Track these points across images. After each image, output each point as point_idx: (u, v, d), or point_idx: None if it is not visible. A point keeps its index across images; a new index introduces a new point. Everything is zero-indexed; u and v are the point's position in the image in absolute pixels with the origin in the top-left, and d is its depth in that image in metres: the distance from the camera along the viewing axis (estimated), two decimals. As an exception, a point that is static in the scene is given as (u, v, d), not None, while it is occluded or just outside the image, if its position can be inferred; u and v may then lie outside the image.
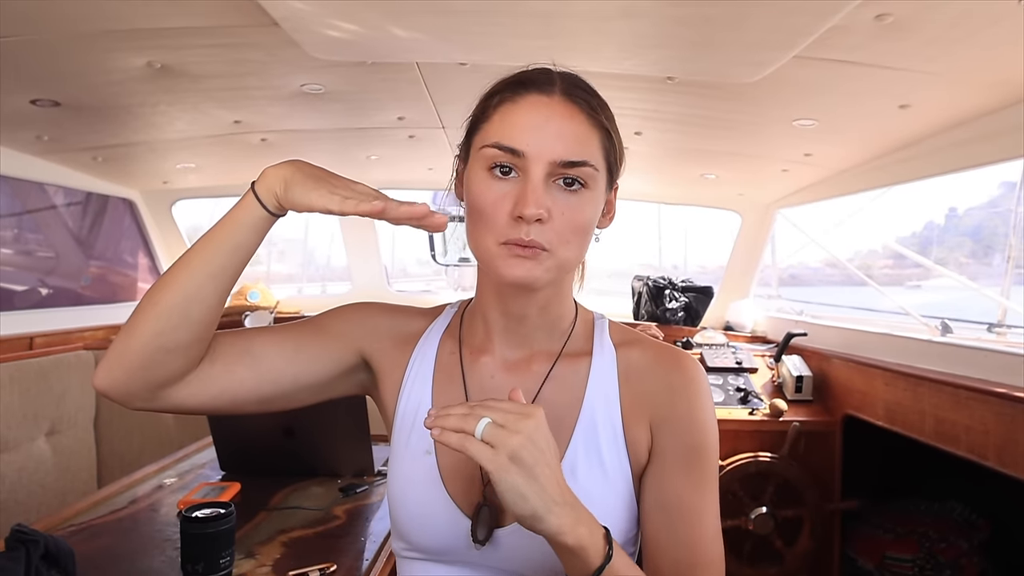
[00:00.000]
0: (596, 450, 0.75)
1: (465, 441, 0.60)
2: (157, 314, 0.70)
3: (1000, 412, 1.67)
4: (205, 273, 0.70)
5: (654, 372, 0.77)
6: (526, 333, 0.80)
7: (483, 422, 0.60)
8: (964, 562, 2.20)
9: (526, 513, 0.60)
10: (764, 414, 2.54)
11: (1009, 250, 2.14)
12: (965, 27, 1.31)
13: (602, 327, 0.83)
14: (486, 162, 0.70)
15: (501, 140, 0.69)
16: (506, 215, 0.68)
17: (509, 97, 0.72)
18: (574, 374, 0.79)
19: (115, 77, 1.76)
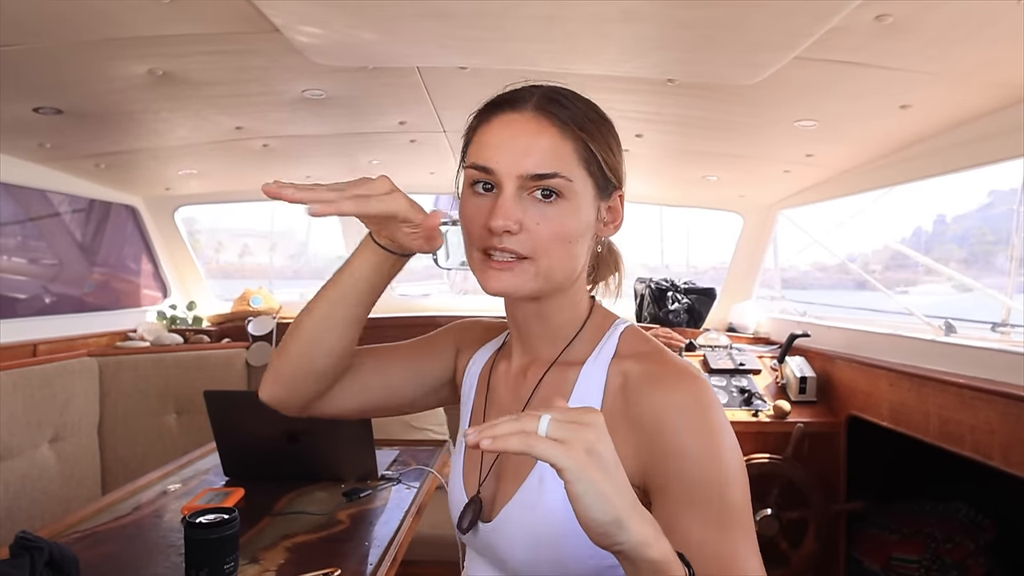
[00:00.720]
0: None
1: (530, 440, 0.51)
2: (300, 342, 0.82)
3: (1005, 412, 1.66)
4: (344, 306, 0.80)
5: (642, 390, 0.71)
6: (531, 340, 0.83)
7: (545, 418, 0.52)
8: (970, 563, 2.19)
9: (609, 518, 0.50)
10: (768, 415, 2.54)
11: (1012, 250, 2.13)
12: (965, 27, 1.31)
13: (612, 334, 0.79)
14: (469, 180, 0.76)
15: (476, 160, 0.74)
16: (481, 227, 0.73)
17: (485, 119, 0.76)
18: (562, 382, 0.78)
19: (117, 84, 1.77)
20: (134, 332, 3.06)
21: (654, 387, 0.70)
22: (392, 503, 1.55)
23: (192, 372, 2.92)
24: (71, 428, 2.47)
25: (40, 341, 2.53)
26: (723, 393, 2.67)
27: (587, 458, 0.50)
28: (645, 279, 3.41)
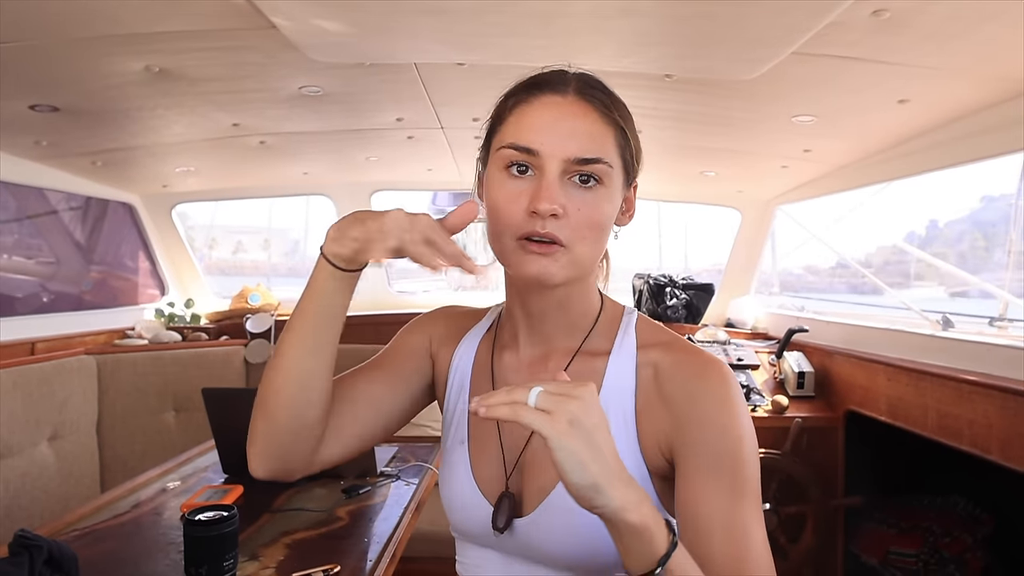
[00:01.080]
0: None
1: (517, 409, 0.56)
2: (284, 403, 0.74)
3: (1003, 406, 1.67)
4: (306, 352, 0.74)
5: (675, 377, 0.74)
6: (546, 330, 0.81)
7: (535, 390, 0.57)
8: (968, 556, 2.20)
9: (586, 483, 0.55)
10: (766, 410, 2.54)
11: (1010, 244, 2.14)
12: (963, 21, 1.31)
13: (628, 324, 0.81)
14: (503, 162, 0.72)
15: (516, 140, 0.71)
16: (522, 211, 0.70)
17: (524, 98, 0.74)
18: (591, 372, 0.78)
19: (113, 81, 1.76)
20: (132, 330, 3.06)
21: (688, 375, 0.73)
22: (391, 499, 1.55)
23: (190, 370, 2.92)
24: (70, 426, 2.47)
25: (38, 339, 2.53)
26: (721, 388, 2.67)
27: (568, 427, 0.55)
28: (643, 275, 3.41)
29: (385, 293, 3.61)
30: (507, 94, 0.77)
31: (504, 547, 0.79)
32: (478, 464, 0.81)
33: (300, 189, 3.50)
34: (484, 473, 0.80)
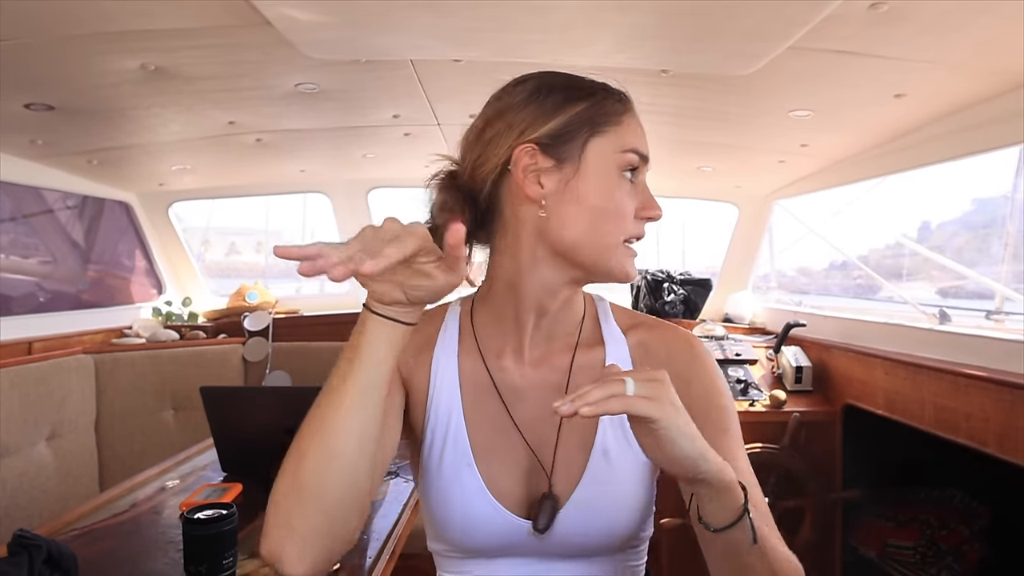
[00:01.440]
0: (624, 432, 0.79)
1: (627, 400, 0.60)
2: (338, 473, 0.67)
3: (999, 399, 1.67)
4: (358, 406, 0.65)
5: (665, 351, 0.82)
6: (548, 328, 0.82)
7: (630, 382, 0.61)
8: (965, 548, 2.21)
9: (696, 453, 0.62)
10: (764, 405, 2.55)
11: (1007, 237, 2.14)
12: (960, 15, 1.31)
13: (606, 312, 0.86)
14: (624, 165, 0.76)
15: (639, 147, 0.77)
16: (632, 214, 0.76)
17: (623, 108, 0.78)
18: (593, 362, 0.82)
19: (109, 80, 1.76)
20: (130, 329, 3.05)
21: (676, 350, 0.82)
22: (390, 496, 1.55)
23: (188, 368, 2.91)
24: (68, 425, 2.47)
25: (35, 339, 2.52)
26: (720, 383, 2.67)
27: (673, 408, 0.62)
28: (641, 270, 3.42)
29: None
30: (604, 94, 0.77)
31: (535, 551, 0.79)
32: (494, 480, 0.79)
33: (297, 187, 3.50)
34: (503, 487, 0.79)
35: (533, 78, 0.79)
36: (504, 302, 0.81)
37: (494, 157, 0.76)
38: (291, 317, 3.38)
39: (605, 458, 0.78)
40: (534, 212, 0.75)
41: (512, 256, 0.78)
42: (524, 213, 0.76)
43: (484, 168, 0.77)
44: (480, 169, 0.77)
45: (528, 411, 0.81)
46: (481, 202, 0.78)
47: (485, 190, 0.77)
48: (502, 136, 0.76)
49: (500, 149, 0.75)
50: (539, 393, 0.81)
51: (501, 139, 0.76)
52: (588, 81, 0.78)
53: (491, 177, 0.76)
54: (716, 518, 0.66)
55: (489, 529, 0.78)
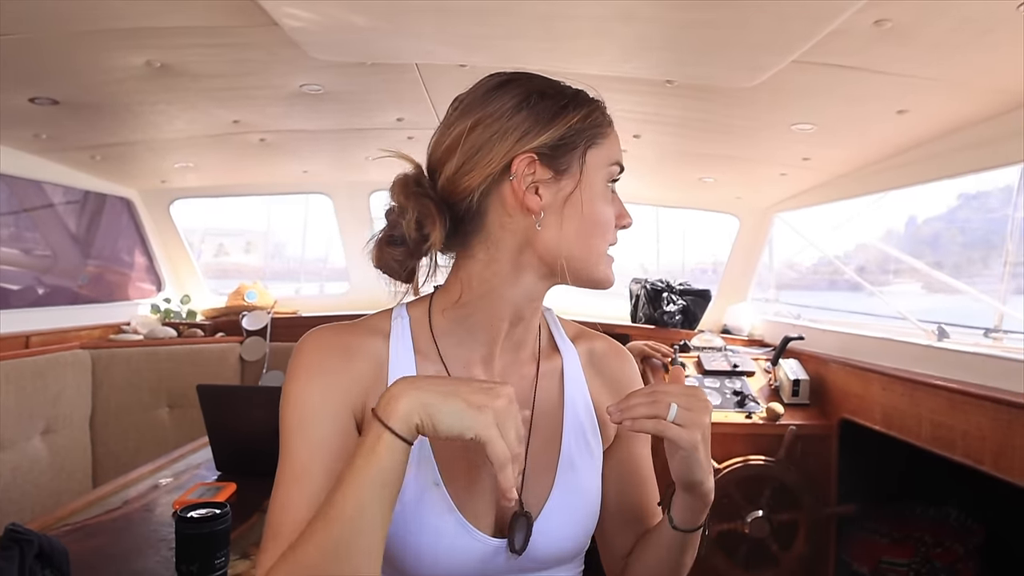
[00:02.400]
0: (584, 439, 0.82)
1: (661, 425, 0.69)
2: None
3: (996, 417, 1.67)
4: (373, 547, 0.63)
5: (612, 363, 0.89)
6: (519, 337, 0.81)
7: (673, 407, 0.69)
8: (960, 567, 2.20)
9: (700, 478, 0.73)
10: (760, 418, 2.54)
11: (1006, 255, 2.14)
12: (964, 33, 1.32)
13: (555, 322, 0.89)
14: (609, 177, 0.77)
15: (620, 159, 0.78)
16: (614, 226, 0.78)
17: (609, 119, 0.78)
18: (553, 371, 0.84)
19: (114, 76, 1.76)
20: (127, 325, 3.05)
21: (617, 361, 0.90)
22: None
23: (185, 366, 2.91)
24: (63, 420, 2.46)
25: (33, 333, 2.52)
26: (717, 395, 2.67)
27: (700, 441, 0.70)
28: (640, 280, 3.41)
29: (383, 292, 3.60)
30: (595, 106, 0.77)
31: (497, 569, 0.76)
32: (463, 500, 0.74)
33: (299, 187, 3.50)
34: (473, 507, 0.75)
35: (515, 81, 0.75)
36: (478, 311, 0.77)
37: (486, 165, 0.72)
38: (290, 317, 3.38)
39: (572, 469, 0.80)
40: (527, 223, 0.73)
41: (492, 264, 0.75)
42: (514, 223, 0.74)
43: (471, 176, 0.72)
44: (466, 177, 0.72)
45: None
46: (460, 210, 0.74)
47: (471, 199, 0.72)
48: (494, 143, 0.72)
49: (493, 157, 0.72)
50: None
51: (494, 146, 0.72)
52: (573, 89, 0.78)
53: (480, 186, 0.72)
54: (683, 521, 0.78)
55: (458, 554, 0.73)
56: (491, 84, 0.76)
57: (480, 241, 0.75)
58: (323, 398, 0.72)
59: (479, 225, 0.75)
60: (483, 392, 0.63)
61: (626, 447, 0.88)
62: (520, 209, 0.73)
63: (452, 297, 0.78)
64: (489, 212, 0.74)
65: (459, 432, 0.61)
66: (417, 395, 0.62)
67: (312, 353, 0.74)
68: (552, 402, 0.82)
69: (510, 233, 0.74)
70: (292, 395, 0.73)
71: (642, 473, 0.89)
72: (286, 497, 0.69)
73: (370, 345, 0.77)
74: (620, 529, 0.88)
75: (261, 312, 3.24)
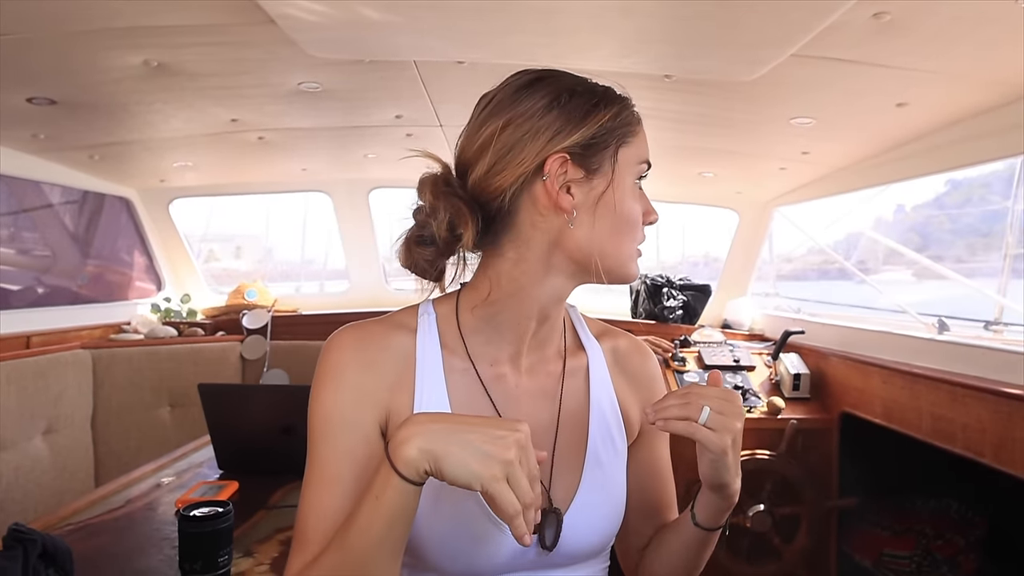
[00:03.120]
0: (609, 436, 0.82)
1: (691, 427, 0.70)
2: None
3: (997, 410, 1.67)
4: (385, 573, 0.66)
5: (635, 361, 0.89)
6: (545, 335, 0.81)
7: (705, 411, 0.70)
8: (961, 559, 2.21)
9: (727, 480, 0.75)
10: (762, 412, 2.55)
11: (1006, 247, 2.14)
12: (963, 25, 1.31)
13: (579, 320, 0.90)
14: (638, 174, 0.78)
15: (648, 157, 0.79)
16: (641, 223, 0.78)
17: (638, 116, 0.78)
18: (579, 368, 0.84)
19: (112, 75, 1.76)
20: (128, 325, 3.05)
21: (641, 358, 0.90)
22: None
23: (186, 365, 2.91)
24: (64, 420, 2.47)
25: (33, 333, 2.52)
26: (717, 389, 2.67)
27: (731, 445, 0.71)
28: (640, 275, 3.42)
29: (383, 290, 3.61)
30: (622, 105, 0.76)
31: (529, 565, 0.76)
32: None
33: (298, 185, 3.50)
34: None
35: (545, 79, 0.75)
36: (506, 309, 0.77)
37: (518, 165, 0.71)
38: (290, 316, 3.38)
39: (599, 465, 0.80)
40: (559, 222, 0.73)
41: (521, 264, 0.75)
42: (546, 223, 0.73)
43: (503, 176, 0.72)
44: (497, 176, 0.72)
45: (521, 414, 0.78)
46: (492, 209, 0.74)
47: (503, 199, 0.72)
48: (526, 143, 0.71)
49: (525, 156, 0.71)
50: (533, 401, 0.80)
51: (525, 146, 0.71)
52: (603, 87, 0.77)
53: (512, 186, 0.72)
54: (706, 519, 0.80)
55: (485, 548, 0.73)
56: (521, 82, 0.75)
57: (510, 240, 0.75)
58: (348, 405, 0.73)
59: (510, 224, 0.75)
60: (493, 441, 0.61)
61: (648, 444, 0.89)
62: (553, 209, 0.73)
63: (481, 295, 0.77)
64: (520, 211, 0.74)
65: (466, 483, 0.60)
66: (425, 441, 0.61)
67: (337, 355, 0.75)
68: (578, 399, 0.83)
69: (541, 232, 0.74)
70: (318, 400, 0.74)
71: (661, 468, 0.90)
72: (311, 502, 0.71)
73: (396, 341, 0.77)
74: (638, 523, 0.89)
75: (261, 311, 3.24)
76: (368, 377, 0.74)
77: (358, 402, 0.73)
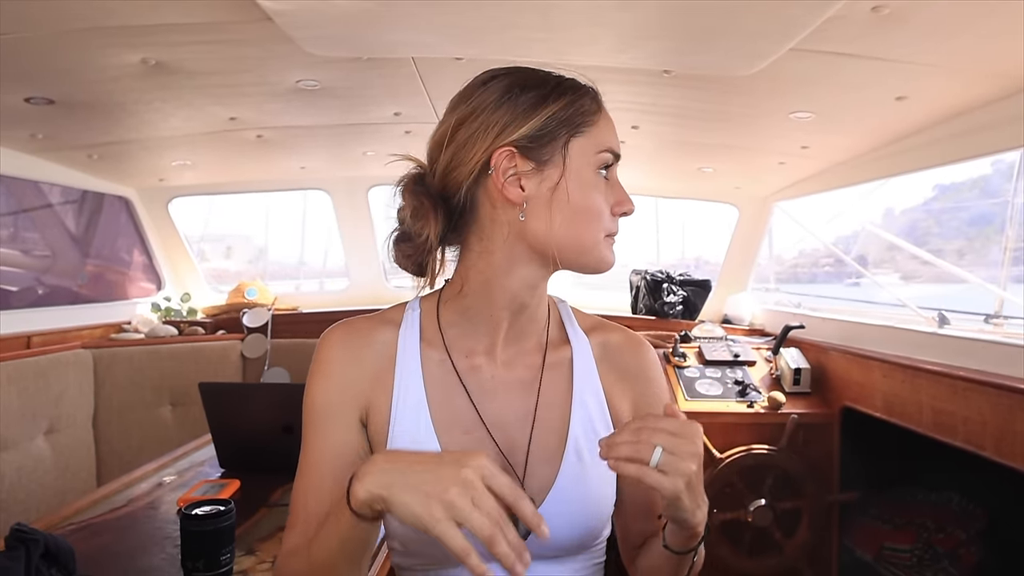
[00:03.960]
0: (592, 429, 0.82)
1: (641, 471, 0.65)
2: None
3: (997, 403, 1.67)
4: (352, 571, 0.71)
5: (626, 354, 0.88)
6: (521, 327, 0.83)
7: (657, 451, 0.65)
8: (962, 552, 2.21)
9: (696, 522, 0.70)
10: (762, 407, 2.55)
11: (1006, 241, 2.14)
12: (962, 18, 1.31)
13: (568, 314, 0.90)
14: (599, 164, 0.76)
15: (612, 147, 0.77)
16: (608, 212, 0.77)
17: (597, 106, 0.78)
18: (561, 362, 0.85)
19: (109, 74, 1.75)
20: (128, 324, 3.05)
21: (634, 350, 0.89)
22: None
23: (187, 364, 2.91)
24: (66, 420, 2.47)
25: (34, 333, 2.52)
26: (718, 384, 2.68)
27: (685, 488, 0.66)
28: (640, 271, 3.41)
29: (383, 288, 3.61)
30: (580, 92, 0.77)
31: None
32: None
33: (297, 183, 3.49)
34: None
35: (502, 75, 0.77)
36: (477, 302, 0.80)
37: (469, 160, 0.75)
38: (290, 314, 3.38)
39: (578, 459, 0.80)
40: (514, 214, 0.76)
41: (487, 256, 0.78)
42: (502, 215, 0.76)
43: (458, 171, 0.75)
44: (453, 172, 0.76)
45: (499, 411, 0.81)
46: (454, 205, 0.77)
47: (460, 194, 0.76)
48: (477, 138, 0.74)
49: (476, 152, 0.74)
50: (510, 392, 0.82)
51: (476, 141, 0.74)
52: (558, 78, 0.78)
53: (467, 181, 0.75)
54: (674, 544, 0.76)
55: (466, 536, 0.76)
56: (480, 80, 0.78)
57: (474, 233, 0.79)
58: (332, 399, 0.79)
59: (472, 218, 0.78)
60: (435, 482, 0.60)
61: None
62: (505, 201, 0.75)
63: (455, 289, 0.82)
64: (480, 206, 0.77)
65: (413, 525, 0.60)
66: (375, 484, 0.62)
67: (325, 351, 0.81)
68: (559, 392, 0.83)
69: (500, 225, 0.77)
70: (308, 393, 0.80)
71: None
72: (298, 485, 0.79)
73: (381, 335, 0.82)
74: (632, 521, 0.89)
75: (262, 309, 3.24)
76: (352, 371, 0.80)
77: (342, 395, 0.79)
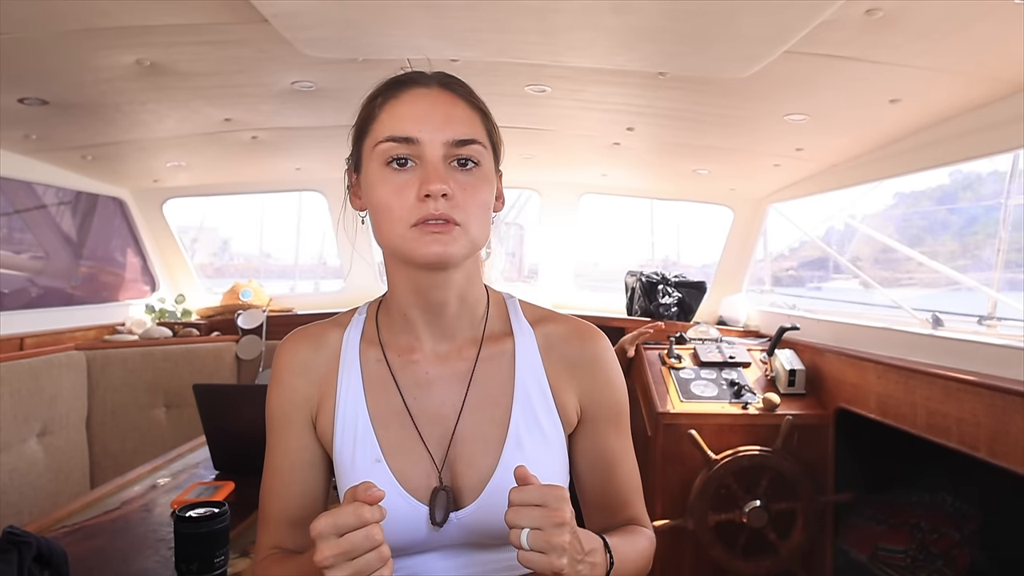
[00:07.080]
0: (535, 420, 0.82)
1: (522, 556, 0.65)
2: None
3: (991, 404, 1.68)
4: None
5: (572, 345, 0.86)
6: (448, 324, 0.83)
7: (524, 533, 0.65)
8: (956, 552, 2.22)
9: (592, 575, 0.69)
10: (757, 408, 2.55)
11: (999, 243, 2.15)
12: (955, 21, 1.32)
13: (515, 307, 0.90)
14: (383, 158, 0.75)
15: (394, 132, 0.75)
16: (411, 200, 0.73)
17: (392, 95, 0.79)
18: (501, 354, 0.85)
19: (103, 75, 1.75)
20: (122, 325, 3.04)
21: (582, 340, 0.87)
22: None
23: (181, 366, 2.90)
24: (59, 422, 2.46)
25: (27, 335, 2.51)
26: (713, 386, 2.68)
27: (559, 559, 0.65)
28: (636, 272, 3.42)
29: (378, 289, 3.60)
30: (371, 95, 0.81)
31: (446, 541, 0.80)
32: (404, 476, 0.80)
33: (292, 185, 3.49)
34: (413, 482, 0.80)
35: None
36: (392, 304, 0.85)
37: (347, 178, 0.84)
38: (285, 315, 3.37)
39: (519, 448, 0.80)
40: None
41: (385, 261, 0.84)
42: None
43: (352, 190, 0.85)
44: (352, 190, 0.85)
45: (433, 405, 0.83)
46: None
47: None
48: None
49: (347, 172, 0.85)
50: (445, 386, 0.83)
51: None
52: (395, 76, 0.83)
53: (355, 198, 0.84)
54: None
55: (399, 521, 0.77)
56: None
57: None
58: (285, 407, 0.86)
59: None
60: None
61: (591, 435, 0.87)
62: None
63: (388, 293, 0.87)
64: None
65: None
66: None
67: (278, 360, 0.87)
68: (498, 384, 0.84)
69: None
70: (267, 402, 0.87)
71: (611, 460, 0.87)
72: (264, 489, 0.88)
73: (328, 339, 0.87)
74: (594, 514, 0.90)
75: (256, 310, 3.23)
76: (300, 378, 0.85)
77: (293, 402, 0.85)
